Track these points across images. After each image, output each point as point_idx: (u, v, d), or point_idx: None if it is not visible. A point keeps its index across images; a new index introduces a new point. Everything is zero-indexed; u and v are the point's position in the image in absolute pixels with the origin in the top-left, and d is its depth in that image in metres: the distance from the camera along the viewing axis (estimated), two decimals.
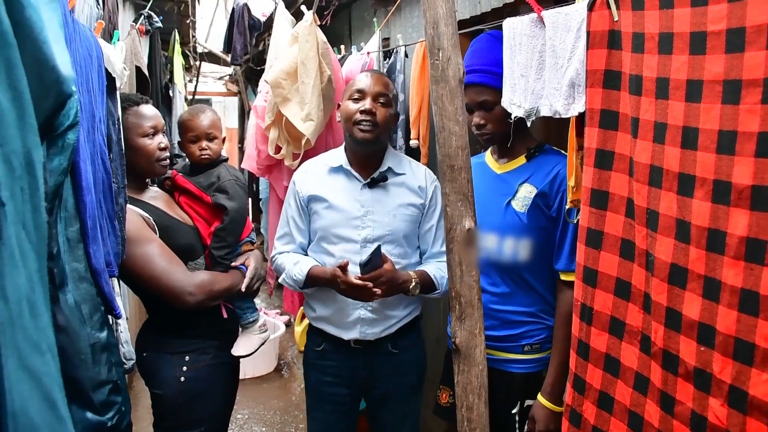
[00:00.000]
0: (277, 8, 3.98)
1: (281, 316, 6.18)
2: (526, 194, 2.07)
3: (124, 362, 1.94)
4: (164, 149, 2.27)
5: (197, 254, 2.31)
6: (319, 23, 3.10)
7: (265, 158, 3.54)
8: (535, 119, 1.88)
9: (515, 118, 1.92)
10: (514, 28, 1.90)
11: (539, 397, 2.06)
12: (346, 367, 2.35)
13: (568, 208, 1.90)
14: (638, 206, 1.51)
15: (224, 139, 2.53)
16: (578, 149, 1.77)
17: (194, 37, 6.79)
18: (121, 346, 1.93)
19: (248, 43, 6.23)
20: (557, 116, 1.77)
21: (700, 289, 1.34)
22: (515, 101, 1.91)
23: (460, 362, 1.83)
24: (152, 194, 2.34)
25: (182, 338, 2.27)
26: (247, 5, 6.23)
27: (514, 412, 2.13)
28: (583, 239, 1.71)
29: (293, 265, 2.32)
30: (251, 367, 4.93)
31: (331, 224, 2.28)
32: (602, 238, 1.65)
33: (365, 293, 2.10)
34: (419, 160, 2.98)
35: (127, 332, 2.00)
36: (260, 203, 6.87)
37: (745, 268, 1.24)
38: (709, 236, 1.31)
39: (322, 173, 2.36)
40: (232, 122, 11.89)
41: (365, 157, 2.30)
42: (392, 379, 2.36)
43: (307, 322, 2.82)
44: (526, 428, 2.11)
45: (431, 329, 3.28)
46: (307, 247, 2.39)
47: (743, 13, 1.22)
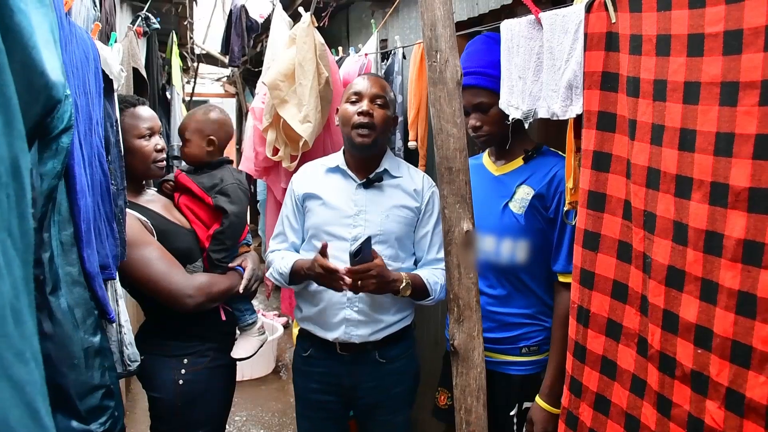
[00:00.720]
0: (274, 10, 3.98)
1: (279, 317, 6.17)
2: (523, 196, 2.06)
3: (128, 364, 1.94)
4: (160, 151, 2.26)
5: (195, 257, 2.30)
6: (316, 25, 3.09)
7: (262, 160, 3.53)
8: (532, 121, 1.88)
9: (513, 120, 1.91)
10: (511, 29, 1.89)
11: (537, 399, 2.05)
12: (332, 374, 2.32)
13: (566, 209, 1.90)
14: (635, 208, 1.50)
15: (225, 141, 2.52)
16: (576, 151, 1.77)
17: (192, 38, 6.78)
18: (125, 348, 1.93)
19: (246, 44, 6.21)
20: (555, 118, 1.76)
21: (697, 291, 1.34)
22: (513, 103, 1.90)
23: (458, 364, 1.82)
24: (149, 198, 2.34)
25: (180, 341, 2.27)
26: (244, 7, 6.22)
27: (512, 414, 2.13)
28: (580, 241, 1.70)
29: (280, 259, 2.32)
30: (249, 369, 4.92)
31: (323, 222, 2.27)
32: (599, 240, 1.65)
33: (352, 286, 2.04)
34: (417, 161, 2.98)
35: (130, 334, 1.99)
36: (257, 205, 6.86)
37: (742, 270, 1.24)
38: (706, 238, 1.31)
39: (319, 173, 2.37)
40: None
41: (363, 159, 2.29)
42: (380, 390, 2.32)
43: None
44: (524, 430, 2.11)
45: (429, 331, 3.28)
46: (300, 247, 2.38)
47: (741, 15, 1.22)
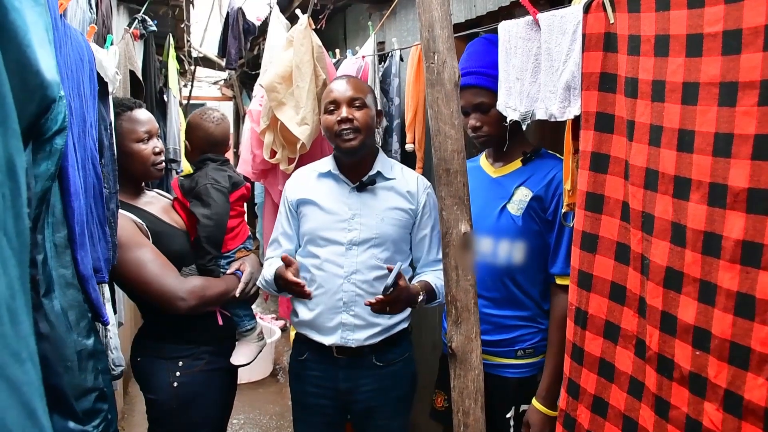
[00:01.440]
0: (271, 12, 3.98)
1: (277, 321, 6.17)
2: (521, 198, 2.06)
3: (112, 368, 1.92)
4: (159, 153, 2.26)
5: (190, 260, 2.29)
6: (313, 27, 3.10)
7: (260, 162, 3.53)
8: (530, 123, 1.87)
9: (511, 121, 1.91)
10: (509, 31, 1.89)
11: (534, 401, 2.05)
12: (328, 378, 2.31)
13: (564, 211, 1.89)
14: (633, 209, 1.50)
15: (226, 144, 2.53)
16: (574, 152, 1.76)
17: (189, 41, 6.77)
18: (110, 352, 1.92)
19: (243, 47, 6.22)
20: (553, 119, 1.76)
21: (695, 292, 1.34)
22: (511, 104, 1.90)
23: (456, 367, 1.82)
24: (147, 199, 2.33)
25: (176, 344, 2.26)
26: (241, 9, 6.23)
27: (508, 416, 2.12)
28: (577, 243, 1.70)
29: (267, 266, 2.32)
30: (247, 372, 4.89)
31: (318, 226, 2.26)
32: (597, 241, 1.64)
33: (379, 310, 2.05)
34: (415, 163, 2.98)
35: (116, 338, 1.97)
36: (255, 208, 6.85)
37: (740, 271, 1.24)
38: (704, 239, 1.31)
39: (311, 179, 2.35)
40: None
41: (354, 162, 2.28)
42: (377, 394, 2.31)
43: None
44: None
45: (427, 334, 3.27)
46: (295, 253, 2.37)
47: (740, 14, 1.21)
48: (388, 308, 2.04)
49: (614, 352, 1.61)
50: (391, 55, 3.18)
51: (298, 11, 3.28)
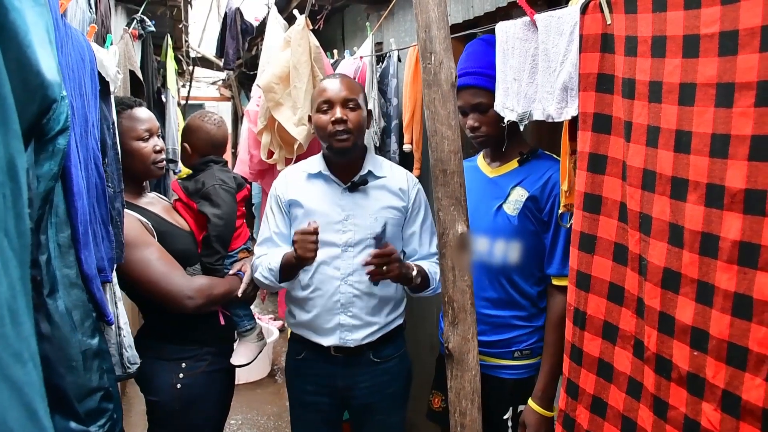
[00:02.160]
0: (269, 13, 3.98)
1: (275, 321, 6.16)
2: (517, 198, 2.06)
3: (128, 366, 1.92)
4: (159, 152, 2.26)
5: (195, 260, 2.30)
6: (311, 27, 3.10)
7: (257, 163, 3.53)
8: (527, 123, 1.87)
9: (508, 122, 1.91)
10: (506, 31, 1.89)
11: (530, 402, 2.05)
12: (326, 375, 2.31)
13: (560, 212, 1.90)
14: (631, 210, 1.50)
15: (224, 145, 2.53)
16: (571, 153, 1.77)
17: (187, 41, 6.77)
18: (124, 350, 1.92)
19: (241, 47, 6.22)
20: (550, 120, 1.76)
21: (693, 293, 1.34)
22: (508, 105, 1.90)
23: (453, 367, 1.82)
24: (149, 199, 2.33)
25: (178, 345, 2.26)
26: (239, 10, 6.23)
27: (505, 417, 2.12)
28: (576, 243, 1.70)
29: (267, 257, 2.27)
30: (245, 372, 4.89)
31: None
32: (595, 242, 1.65)
33: (376, 273, 2.02)
34: (413, 164, 2.98)
35: (130, 336, 1.97)
36: (252, 208, 6.85)
37: (738, 272, 1.24)
38: (702, 240, 1.31)
39: (301, 179, 2.32)
40: None
41: (345, 162, 2.27)
42: (374, 390, 2.32)
43: None
44: None
45: (424, 335, 3.27)
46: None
47: (736, 15, 1.22)
48: (385, 269, 2.01)
49: (613, 352, 1.61)
50: (388, 55, 3.18)
51: (296, 12, 3.29)
